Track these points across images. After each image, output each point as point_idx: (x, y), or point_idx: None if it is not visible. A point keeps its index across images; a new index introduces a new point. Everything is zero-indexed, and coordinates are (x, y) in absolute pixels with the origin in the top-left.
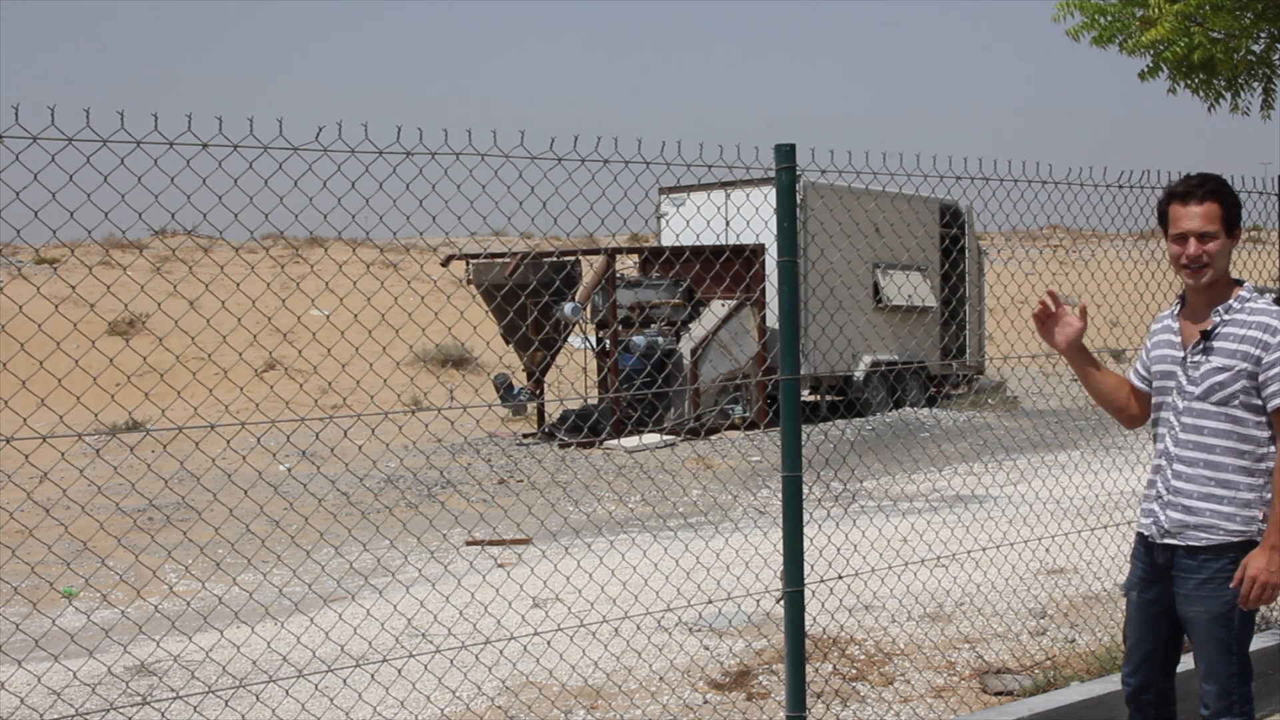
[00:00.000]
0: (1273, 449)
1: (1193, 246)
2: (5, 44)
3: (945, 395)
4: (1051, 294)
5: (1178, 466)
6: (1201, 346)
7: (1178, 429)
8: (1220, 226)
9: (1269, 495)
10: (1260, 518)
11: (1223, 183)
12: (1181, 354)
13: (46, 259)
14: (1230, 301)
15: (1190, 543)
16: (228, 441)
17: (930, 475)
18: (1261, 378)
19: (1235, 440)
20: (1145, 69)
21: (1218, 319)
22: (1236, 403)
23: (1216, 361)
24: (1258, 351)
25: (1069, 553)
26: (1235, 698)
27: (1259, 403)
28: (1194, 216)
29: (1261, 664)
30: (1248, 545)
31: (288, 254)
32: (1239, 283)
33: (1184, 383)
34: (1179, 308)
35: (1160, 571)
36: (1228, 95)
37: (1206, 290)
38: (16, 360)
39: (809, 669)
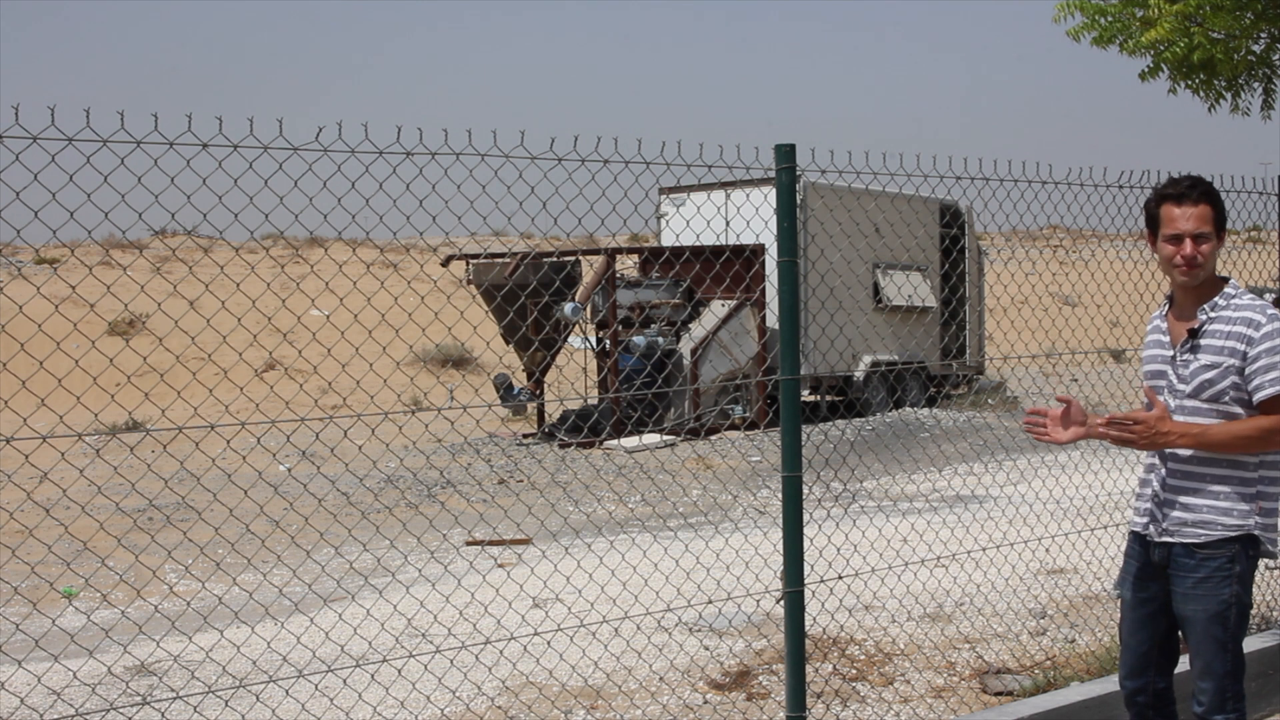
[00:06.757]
0: None
1: (1189, 247)
2: (5, 44)
3: (945, 395)
4: (1037, 412)
5: (1172, 465)
6: (1189, 345)
7: None
8: (1213, 228)
9: (1265, 488)
10: (1254, 510)
11: (1212, 185)
12: (1170, 353)
13: (46, 259)
14: (1216, 299)
15: (1188, 540)
16: (228, 441)
17: (930, 475)
18: (1246, 371)
19: None
20: (1145, 69)
21: (1204, 317)
22: (1228, 399)
23: (1204, 359)
24: (1243, 347)
25: (1069, 553)
26: (1229, 694)
27: (1249, 397)
28: (1190, 218)
29: (1261, 664)
30: (1246, 540)
31: (288, 254)
32: (1225, 280)
33: (1174, 381)
34: (1167, 307)
35: (1156, 569)
36: (1228, 95)
37: (1195, 289)
38: (16, 360)
39: (809, 669)
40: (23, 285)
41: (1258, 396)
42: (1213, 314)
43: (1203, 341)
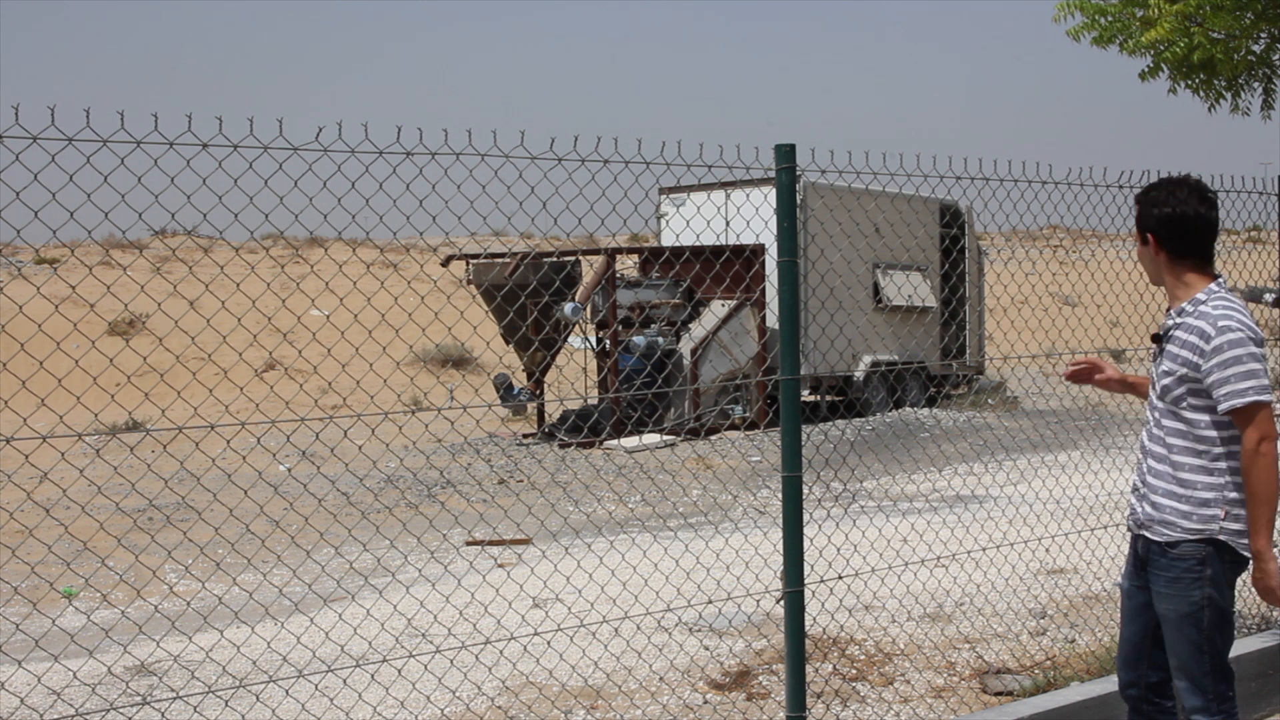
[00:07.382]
0: (1233, 448)
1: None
2: (5, 44)
3: (945, 395)
4: (1082, 365)
5: (1150, 462)
6: (1157, 349)
7: (1150, 424)
8: (1138, 233)
9: (1231, 494)
10: (1221, 516)
11: (1148, 191)
12: (1155, 350)
13: (46, 259)
14: (1185, 304)
15: (1155, 537)
16: (228, 441)
17: (930, 475)
18: (1206, 383)
19: (1190, 440)
20: (1145, 69)
21: (1170, 321)
22: (1185, 405)
23: (1165, 365)
24: (1195, 357)
25: (1069, 553)
26: (1211, 696)
27: (1206, 403)
28: None
29: (1261, 664)
30: (1208, 544)
31: (288, 254)
32: (1213, 278)
33: (1153, 380)
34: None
35: (1143, 563)
36: (1228, 95)
37: (1176, 290)
38: (16, 360)
39: (809, 669)
40: (23, 285)
41: (1221, 408)
42: (1179, 319)
43: (1167, 346)
